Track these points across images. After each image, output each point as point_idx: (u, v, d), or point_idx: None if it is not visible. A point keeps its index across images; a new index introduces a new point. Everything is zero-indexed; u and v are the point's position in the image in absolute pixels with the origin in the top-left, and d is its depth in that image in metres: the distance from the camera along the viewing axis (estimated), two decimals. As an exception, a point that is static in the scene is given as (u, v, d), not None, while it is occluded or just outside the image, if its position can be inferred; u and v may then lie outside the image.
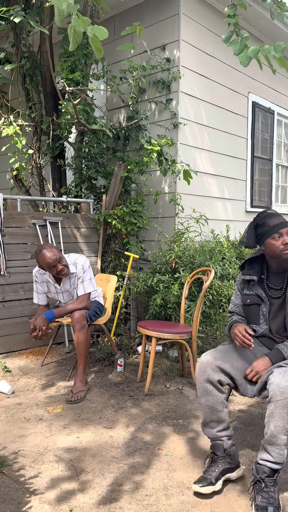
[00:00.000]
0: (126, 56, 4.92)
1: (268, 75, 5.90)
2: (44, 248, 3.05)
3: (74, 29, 1.85)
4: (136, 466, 2.19)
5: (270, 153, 6.08)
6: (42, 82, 4.93)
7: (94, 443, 2.41)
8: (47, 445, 2.38)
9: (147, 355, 3.90)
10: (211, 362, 2.03)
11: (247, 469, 2.16)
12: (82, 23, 1.83)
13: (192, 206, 4.74)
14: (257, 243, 2.12)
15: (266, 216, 2.08)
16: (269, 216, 2.08)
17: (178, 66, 4.50)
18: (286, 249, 2.03)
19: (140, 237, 4.70)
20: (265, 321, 2.17)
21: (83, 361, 3.10)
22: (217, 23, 4.97)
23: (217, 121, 5.08)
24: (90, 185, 4.78)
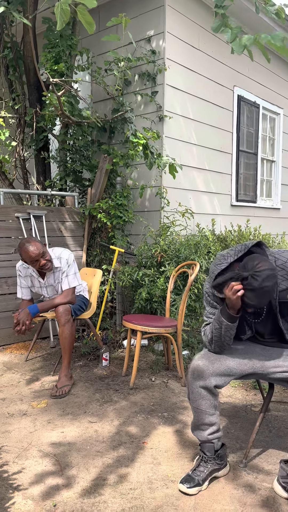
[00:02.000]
0: (111, 48, 4.86)
1: (253, 69, 5.90)
2: (28, 242, 3.01)
3: (61, 7, 1.79)
4: (120, 460, 2.18)
5: (256, 147, 6.09)
6: (26, 73, 4.84)
7: (79, 438, 2.39)
8: (31, 441, 2.36)
9: (132, 349, 3.89)
10: (208, 366, 1.95)
11: (232, 462, 2.17)
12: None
13: (178, 200, 4.73)
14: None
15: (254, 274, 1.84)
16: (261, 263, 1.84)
17: (163, 58, 4.46)
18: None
19: (125, 231, 4.68)
20: (250, 328, 2.13)
21: (68, 355, 3.08)
22: (203, 16, 4.94)
23: (203, 115, 5.06)
24: (75, 178, 4.73)
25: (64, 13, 1.75)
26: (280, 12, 2.43)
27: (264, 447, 2.32)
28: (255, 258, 1.83)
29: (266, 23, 5.41)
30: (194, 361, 2.00)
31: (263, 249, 2.00)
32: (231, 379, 1.99)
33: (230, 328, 1.93)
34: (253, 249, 1.99)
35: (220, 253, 2.03)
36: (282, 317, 2.02)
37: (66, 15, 1.76)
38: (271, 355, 2.04)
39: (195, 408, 1.99)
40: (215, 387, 1.95)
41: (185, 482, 1.93)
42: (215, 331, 1.97)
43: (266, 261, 1.81)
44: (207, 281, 2.08)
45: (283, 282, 1.95)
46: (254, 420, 2.63)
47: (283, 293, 1.95)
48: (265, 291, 1.78)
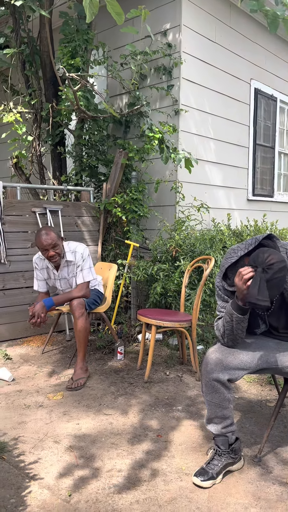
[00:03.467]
0: (126, 42, 4.85)
1: (271, 62, 5.82)
2: (44, 229, 3.06)
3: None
4: (135, 452, 2.20)
5: (273, 141, 6.02)
6: (42, 68, 4.87)
7: (94, 430, 2.42)
8: (47, 432, 2.40)
9: (147, 343, 3.91)
10: (221, 360, 1.95)
11: (246, 456, 2.17)
12: None
13: (193, 194, 4.71)
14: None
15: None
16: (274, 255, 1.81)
17: (179, 52, 4.43)
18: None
19: (140, 225, 4.68)
20: (264, 322, 2.12)
21: (83, 348, 3.11)
22: (219, 8, 4.88)
23: (219, 108, 5.02)
24: (91, 173, 4.75)
25: (93, 5, 1.75)
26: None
27: (279, 442, 2.31)
28: (265, 251, 1.81)
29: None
30: (207, 354, 2.00)
31: (274, 241, 1.99)
32: (244, 373, 1.98)
33: (241, 321, 1.92)
34: (264, 241, 1.99)
35: (231, 247, 2.02)
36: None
37: (95, 7, 1.76)
38: (286, 349, 2.03)
39: (209, 402, 1.99)
40: (229, 380, 1.95)
41: (199, 475, 1.94)
42: (226, 324, 1.97)
43: (276, 254, 1.80)
44: (218, 275, 2.08)
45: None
46: (268, 415, 2.62)
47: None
48: (275, 283, 1.77)
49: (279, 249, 1.96)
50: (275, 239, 2.00)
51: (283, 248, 1.98)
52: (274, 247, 1.97)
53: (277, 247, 1.97)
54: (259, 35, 5.54)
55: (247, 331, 2.12)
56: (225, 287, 2.04)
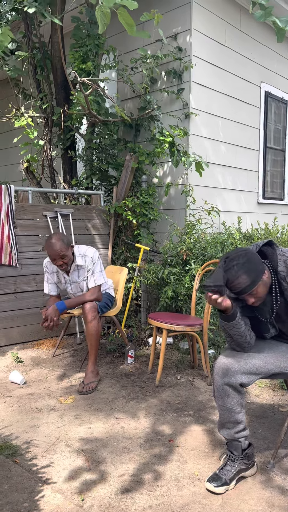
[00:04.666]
0: (137, 46, 4.86)
1: (281, 64, 5.80)
2: (54, 239, 3.05)
3: (101, 10, 1.81)
4: (147, 457, 2.20)
5: (283, 144, 5.99)
6: (53, 73, 4.90)
7: (106, 434, 2.42)
8: (59, 435, 2.40)
9: (157, 347, 3.90)
10: (233, 364, 1.94)
11: (259, 462, 2.15)
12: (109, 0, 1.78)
13: (204, 198, 4.71)
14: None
15: (233, 277, 1.84)
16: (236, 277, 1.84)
17: (189, 56, 4.44)
18: (254, 303, 1.93)
19: (151, 229, 4.69)
20: (273, 326, 2.11)
21: (94, 352, 3.12)
22: (229, 12, 4.88)
23: (229, 111, 5.02)
24: (101, 177, 4.77)
25: (105, 16, 1.77)
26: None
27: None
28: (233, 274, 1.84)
29: None
30: (219, 358, 2.00)
31: (274, 248, 2.01)
32: (257, 377, 1.97)
33: (230, 327, 1.94)
34: (264, 248, 2.02)
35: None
36: None
37: (107, 18, 1.78)
38: None
39: (221, 406, 1.98)
40: (241, 385, 1.94)
41: (212, 480, 1.93)
42: (224, 332, 2.00)
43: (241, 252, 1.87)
44: None
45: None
46: (281, 421, 2.60)
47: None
48: (235, 268, 1.84)
49: (277, 256, 1.96)
50: (274, 246, 2.02)
51: (281, 256, 1.97)
52: (272, 253, 1.98)
53: (275, 254, 1.98)
54: (269, 38, 5.52)
55: (258, 335, 2.11)
56: (229, 294, 2.03)
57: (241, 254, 1.87)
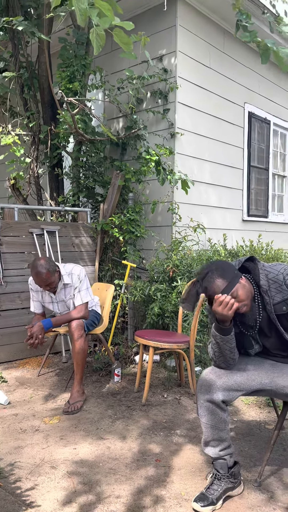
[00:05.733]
0: (123, 67, 4.96)
1: (264, 86, 5.96)
2: (39, 266, 3.00)
3: (96, 32, 1.84)
4: (133, 477, 2.17)
5: (267, 163, 6.12)
6: (40, 92, 4.96)
7: (91, 455, 2.39)
8: (44, 457, 2.36)
9: (144, 365, 3.88)
10: (215, 381, 1.96)
11: (246, 481, 2.14)
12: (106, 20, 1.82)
13: (190, 215, 4.76)
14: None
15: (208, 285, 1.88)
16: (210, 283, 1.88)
17: (175, 77, 4.54)
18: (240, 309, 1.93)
19: (137, 245, 4.71)
20: (257, 342, 2.13)
21: (80, 371, 3.08)
22: (213, 35, 5.02)
23: (214, 131, 5.12)
24: (88, 194, 4.79)
25: (100, 38, 1.80)
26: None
27: (278, 465, 2.28)
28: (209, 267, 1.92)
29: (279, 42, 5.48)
30: (202, 376, 2.01)
31: (256, 263, 2.04)
32: (239, 394, 1.98)
33: (226, 341, 1.94)
34: (246, 264, 2.05)
35: None
36: (285, 330, 2.01)
37: (102, 39, 1.81)
38: (281, 371, 2.03)
39: (205, 424, 1.98)
40: (223, 402, 1.95)
41: (199, 500, 1.91)
42: (214, 346, 2.00)
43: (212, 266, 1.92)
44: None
45: (276, 294, 1.97)
46: (268, 438, 2.59)
47: (279, 305, 1.96)
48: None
49: (259, 271, 1.99)
50: (256, 261, 2.05)
51: (263, 270, 2.01)
52: (254, 268, 2.02)
53: (257, 268, 2.01)
54: (252, 61, 5.68)
55: (241, 351, 2.13)
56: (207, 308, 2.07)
57: (213, 263, 1.94)
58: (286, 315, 1.98)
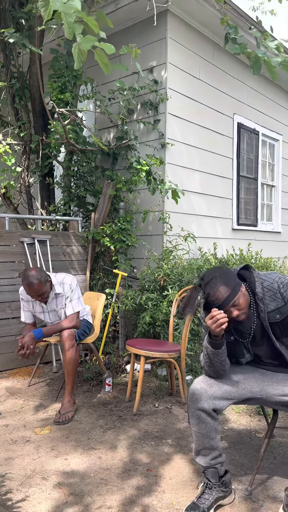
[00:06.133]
0: (114, 78, 5.01)
1: (252, 97, 6.06)
2: (31, 277, 3.01)
3: (78, 48, 1.88)
4: (125, 487, 2.17)
5: (256, 173, 6.20)
6: (32, 102, 4.99)
7: (83, 465, 2.38)
8: (35, 468, 2.35)
9: (136, 374, 3.88)
10: (206, 389, 1.98)
11: (237, 489, 2.15)
12: (88, 40, 1.86)
13: (180, 224, 4.80)
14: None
15: (211, 290, 1.91)
16: (215, 289, 1.91)
17: (165, 88, 4.60)
18: (239, 317, 1.96)
19: (128, 254, 4.73)
20: (248, 351, 2.16)
21: (71, 381, 3.08)
22: (203, 47, 5.11)
23: (204, 142, 5.18)
24: (79, 203, 4.81)
25: (81, 53, 1.84)
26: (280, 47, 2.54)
27: (269, 474, 2.30)
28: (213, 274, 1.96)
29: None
30: (192, 385, 2.03)
31: (251, 271, 2.07)
32: (229, 403, 2.00)
33: (216, 354, 1.96)
34: (241, 271, 2.09)
35: None
36: (277, 339, 2.04)
37: (83, 55, 1.85)
38: (271, 379, 2.05)
39: (196, 432, 1.99)
40: (214, 410, 1.96)
41: (191, 510, 1.92)
42: (205, 357, 2.02)
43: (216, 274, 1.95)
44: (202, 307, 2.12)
45: (271, 303, 2.00)
46: (258, 447, 2.61)
47: (272, 313, 2.00)
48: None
49: (254, 279, 2.03)
50: (251, 270, 2.08)
51: (258, 278, 2.05)
52: (250, 276, 2.05)
53: (253, 276, 2.05)
54: (240, 72, 5.78)
55: (233, 360, 2.15)
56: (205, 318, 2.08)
57: (215, 270, 1.96)
58: (279, 323, 2.02)
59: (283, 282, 2.03)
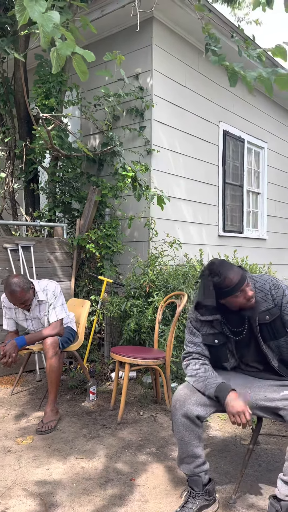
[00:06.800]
0: (99, 84, 5.01)
1: (238, 105, 6.12)
2: (12, 285, 2.96)
3: (57, 52, 1.87)
4: (107, 498, 2.12)
5: (241, 180, 6.24)
6: (16, 107, 4.95)
7: (65, 475, 2.33)
8: (15, 479, 2.29)
9: (120, 382, 3.84)
10: (189, 396, 1.96)
11: (221, 498, 2.12)
12: (67, 46, 1.85)
13: (166, 231, 4.79)
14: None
15: (221, 276, 1.94)
16: (224, 275, 1.94)
17: (151, 95, 4.61)
18: (250, 301, 1.98)
19: (114, 261, 4.70)
20: (233, 356, 2.15)
21: (54, 389, 3.03)
22: (189, 55, 5.15)
23: (189, 149, 5.20)
24: (64, 209, 4.78)
25: (59, 58, 1.82)
26: (261, 55, 2.56)
27: (253, 481, 2.28)
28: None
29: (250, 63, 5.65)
30: (176, 392, 2.01)
31: (244, 272, 2.06)
32: (213, 410, 1.98)
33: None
34: None
35: None
36: (264, 341, 2.04)
37: (61, 60, 1.83)
38: (253, 385, 2.04)
39: (179, 440, 1.97)
40: (197, 417, 1.94)
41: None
42: (199, 383, 1.99)
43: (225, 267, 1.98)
44: (192, 307, 2.12)
45: (262, 303, 2.02)
46: (243, 454, 2.59)
47: (262, 314, 2.01)
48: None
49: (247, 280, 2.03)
50: (244, 270, 2.08)
51: (251, 279, 2.07)
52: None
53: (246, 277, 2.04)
54: (226, 80, 5.83)
55: (216, 365, 2.14)
56: (198, 317, 2.08)
57: (220, 261, 2.00)
58: (268, 325, 2.02)
59: (274, 284, 2.06)
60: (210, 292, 1.95)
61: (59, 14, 1.85)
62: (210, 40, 2.66)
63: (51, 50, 1.83)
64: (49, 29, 1.67)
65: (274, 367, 2.06)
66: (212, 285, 1.94)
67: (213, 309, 2.03)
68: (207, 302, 1.96)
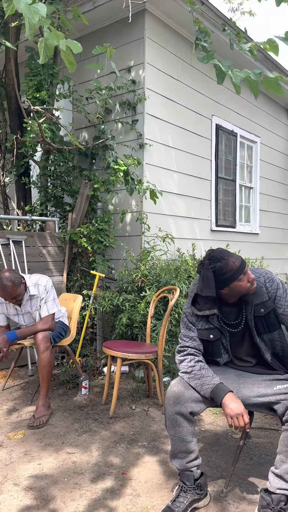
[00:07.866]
0: (91, 77, 4.97)
1: (231, 99, 6.10)
2: (3, 279, 2.93)
3: (45, 43, 1.84)
4: (99, 492, 2.12)
5: (234, 174, 6.23)
6: (7, 100, 4.89)
7: (56, 470, 2.32)
8: (7, 474, 2.28)
9: (112, 376, 3.84)
10: (183, 392, 1.95)
11: (212, 491, 2.13)
12: (55, 36, 1.82)
13: (159, 225, 4.78)
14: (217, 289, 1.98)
15: (223, 260, 1.93)
16: (226, 259, 1.93)
17: (143, 88, 4.58)
18: (253, 284, 1.98)
19: (106, 255, 4.68)
20: (226, 351, 2.15)
21: (46, 384, 3.02)
22: (181, 48, 5.11)
23: (182, 143, 5.18)
24: (56, 203, 4.74)
25: (47, 48, 1.80)
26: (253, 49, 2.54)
27: (245, 475, 2.29)
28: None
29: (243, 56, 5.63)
30: (169, 388, 2.00)
31: None
32: (206, 406, 1.98)
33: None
34: None
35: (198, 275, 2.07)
36: (259, 334, 2.05)
37: (49, 50, 1.81)
38: (246, 381, 2.04)
39: (172, 436, 1.96)
40: (191, 413, 1.94)
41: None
42: (192, 383, 1.98)
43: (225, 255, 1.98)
44: (187, 302, 2.11)
45: (256, 296, 2.02)
46: (235, 448, 2.60)
47: (258, 307, 2.01)
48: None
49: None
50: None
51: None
52: None
53: None
54: (219, 75, 5.80)
55: (209, 361, 2.14)
56: (194, 312, 2.07)
57: (218, 248, 2.01)
58: (262, 318, 2.02)
59: (269, 277, 2.06)
60: (210, 282, 1.92)
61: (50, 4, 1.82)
62: (200, 35, 2.63)
63: (39, 40, 1.80)
64: (35, 21, 1.65)
65: (267, 360, 2.07)
66: (215, 273, 1.93)
67: (211, 302, 2.01)
68: (206, 293, 1.92)
